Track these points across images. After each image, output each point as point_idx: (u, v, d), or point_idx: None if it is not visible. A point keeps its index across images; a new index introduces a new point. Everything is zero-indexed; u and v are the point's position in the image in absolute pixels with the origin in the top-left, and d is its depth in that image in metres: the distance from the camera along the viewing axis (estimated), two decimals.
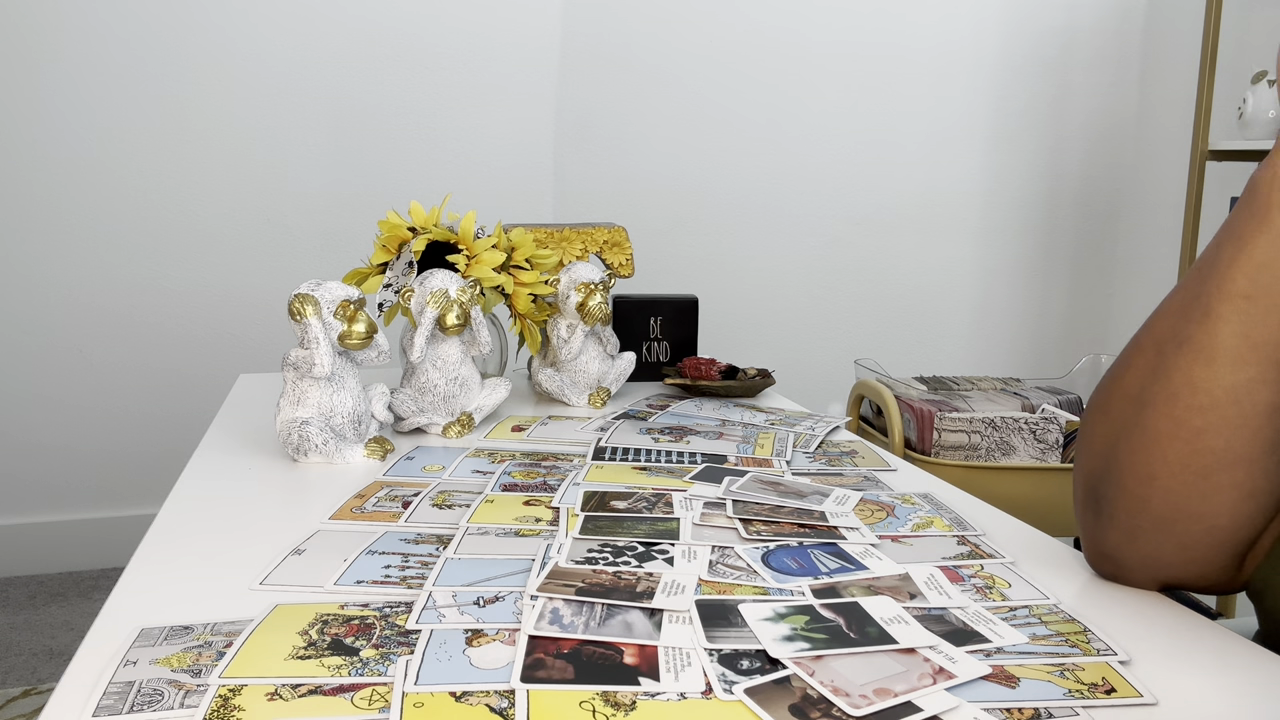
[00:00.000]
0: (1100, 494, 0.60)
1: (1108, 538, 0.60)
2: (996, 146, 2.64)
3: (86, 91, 2.05)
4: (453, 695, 0.46)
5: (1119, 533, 0.59)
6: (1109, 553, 0.61)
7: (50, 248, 2.08)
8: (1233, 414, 0.53)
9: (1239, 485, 0.54)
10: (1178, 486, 0.55)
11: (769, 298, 2.55)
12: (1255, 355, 0.52)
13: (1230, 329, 0.53)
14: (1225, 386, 0.53)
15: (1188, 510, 0.55)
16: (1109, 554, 0.61)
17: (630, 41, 2.35)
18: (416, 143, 2.25)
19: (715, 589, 0.58)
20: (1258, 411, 0.53)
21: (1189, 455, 0.54)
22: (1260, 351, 0.52)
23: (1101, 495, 0.60)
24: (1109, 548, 0.61)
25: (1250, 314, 0.53)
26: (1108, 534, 0.60)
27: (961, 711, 0.46)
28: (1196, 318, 0.55)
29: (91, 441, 2.17)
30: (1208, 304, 0.54)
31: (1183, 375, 0.55)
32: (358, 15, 2.17)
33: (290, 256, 2.21)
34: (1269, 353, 0.52)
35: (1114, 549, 0.60)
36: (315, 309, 0.85)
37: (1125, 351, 0.60)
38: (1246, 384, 0.53)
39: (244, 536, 0.68)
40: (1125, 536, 0.59)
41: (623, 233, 1.21)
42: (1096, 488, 0.60)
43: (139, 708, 0.45)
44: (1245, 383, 0.53)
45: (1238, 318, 0.53)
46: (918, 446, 1.59)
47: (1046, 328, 2.78)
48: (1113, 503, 0.59)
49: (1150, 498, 0.56)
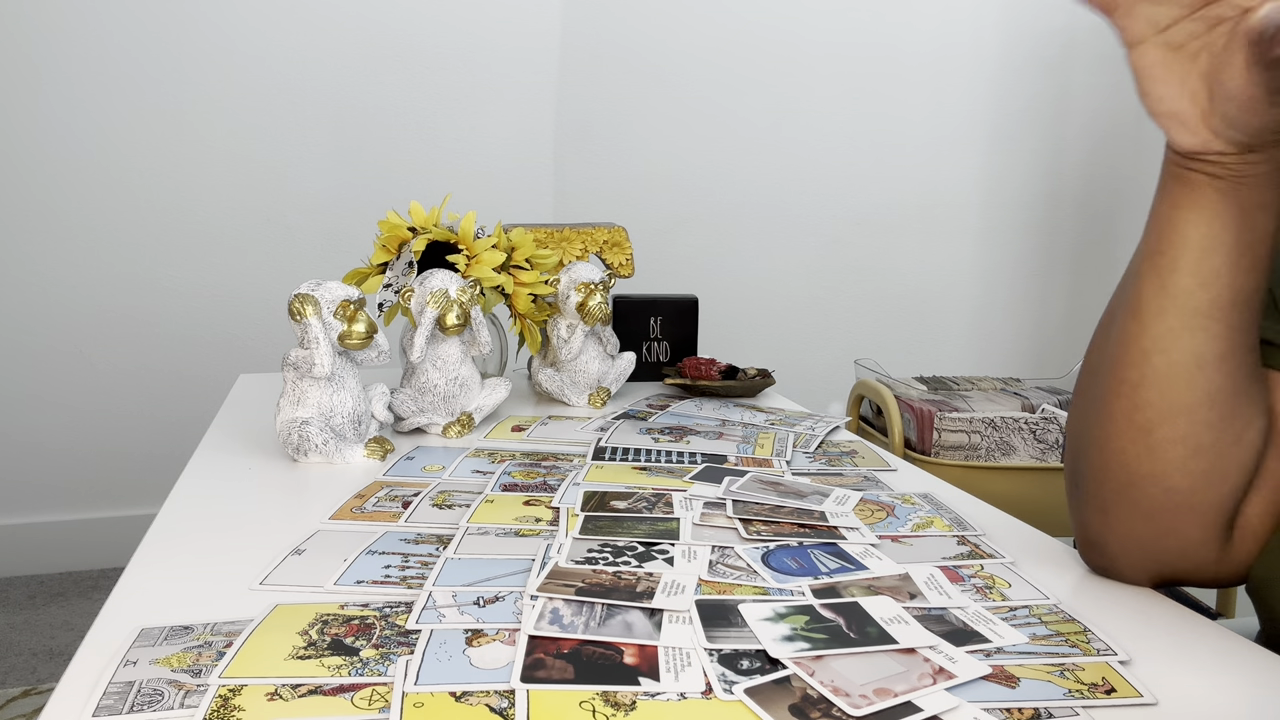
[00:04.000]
0: (1075, 472, 0.63)
1: (1088, 520, 0.62)
2: (997, 147, 2.64)
3: (86, 92, 2.05)
4: (453, 695, 0.46)
5: (1093, 510, 0.61)
6: (1093, 538, 0.62)
7: (50, 248, 2.08)
8: (1161, 363, 0.56)
9: (1183, 439, 0.56)
10: (1127, 445, 0.58)
11: (769, 298, 2.55)
12: (1173, 305, 0.56)
13: (1149, 284, 0.57)
14: (1151, 336, 0.57)
15: (1142, 471, 0.58)
16: (1093, 539, 0.62)
17: (630, 41, 2.35)
18: (416, 143, 2.25)
19: (715, 589, 0.58)
20: (1185, 360, 0.56)
21: (1130, 410, 0.58)
22: (1177, 301, 0.56)
23: (1076, 473, 0.63)
24: (1091, 532, 0.62)
25: (1161, 267, 0.56)
26: (1086, 515, 0.62)
27: (961, 711, 0.46)
28: (1128, 281, 0.59)
29: (91, 441, 2.17)
30: (1134, 265, 0.59)
31: (1119, 334, 0.59)
32: (358, 16, 2.17)
33: (290, 256, 2.21)
34: (1184, 301, 0.55)
35: (1095, 532, 0.62)
36: (315, 309, 0.85)
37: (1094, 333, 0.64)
38: (1169, 333, 0.56)
39: (244, 536, 0.68)
40: (1099, 513, 0.61)
41: (623, 233, 1.21)
42: (1073, 467, 0.63)
43: (139, 708, 0.45)
44: (1167, 332, 0.56)
45: (1154, 273, 0.56)
46: (918, 446, 1.59)
47: (1046, 328, 2.78)
48: (1085, 477, 0.61)
49: (1108, 463, 0.59)
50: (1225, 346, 0.55)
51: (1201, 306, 0.55)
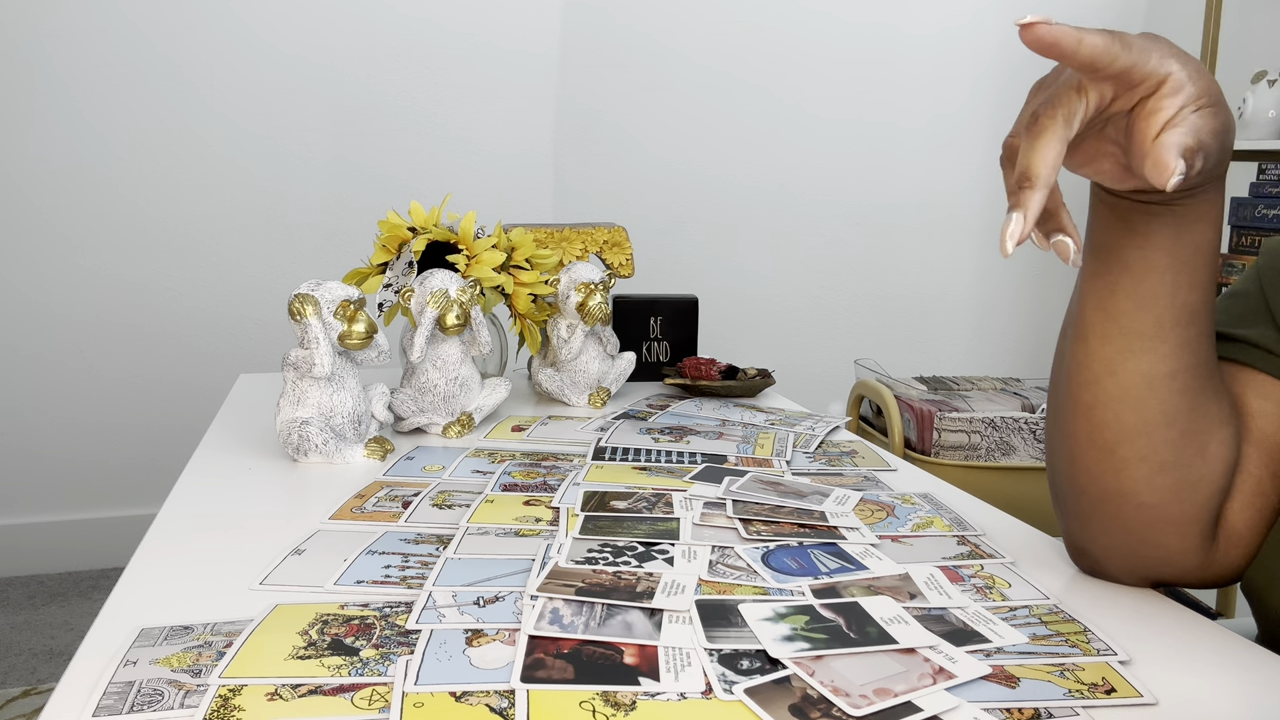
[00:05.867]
0: (1054, 484, 0.63)
1: (1071, 528, 0.62)
2: (996, 147, 2.64)
3: (86, 93, 2.05)
4: (453, 695, 0.46)
5: (1074, 519, 0.61)
6: (1081, 545, 0.62)
7: (50, 248, 2.08)
8: (1111, 386, 0.56)
9: (1145, 458, 0.56)
10: (1093, 465, 0.58)
11: (769, 298, 2.55)
12: (1116, 328, 0.55)
13: (1090, 307, 0.56)
14: (1100, 359, 0.56)
15: (1110, 488, 0.57)
16: (1081, 547, 0.63)
17: (630, 42, 2.35)
18: (416, 143, 2.25)
19: (715, 589, 0.58)
20: (1134, 382, 0.55)
21: (1091, 431, 0.57)
22: (1119, 323, 0.55)
23: (1055, 484, 0.63)
24: (1076, 539, 0.63)
25: (1100, 289, 0.56)
26: (1069, 523, 0.62)
27: (961, 711, 0.46)
28: (1074, 303, 0.58)
29: (91, 441, 2.17)
30: (1078, 287, 0.58)
31: (1070, 355, 0.58)
32: (358, 16, 2.17)
33: (290, 256, 2.21)
34: (1126, 323, 0.55)
35: (1082, 541, 0.62)
36: (315, 309, 0.85)
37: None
38: (1116, 355, 0.55)
39: (244, 536, 0.68)
40: (1081, 524, 0.61)
41: (623, 233, 1.21)
42: (1052, 478, 0.63)
43: (139, 708, 0.45)
44: (1115, 354, 0.55)
45: (1094, 296, 0.56)
46: (918, 446, 1.59)
47: (1046, 328, 2.78)
48: (1062, 490, 0.61)
49: (1079, 479, 0.59)
50: (1175, 365, 0.54)
51: (1145, 328, 0.54)
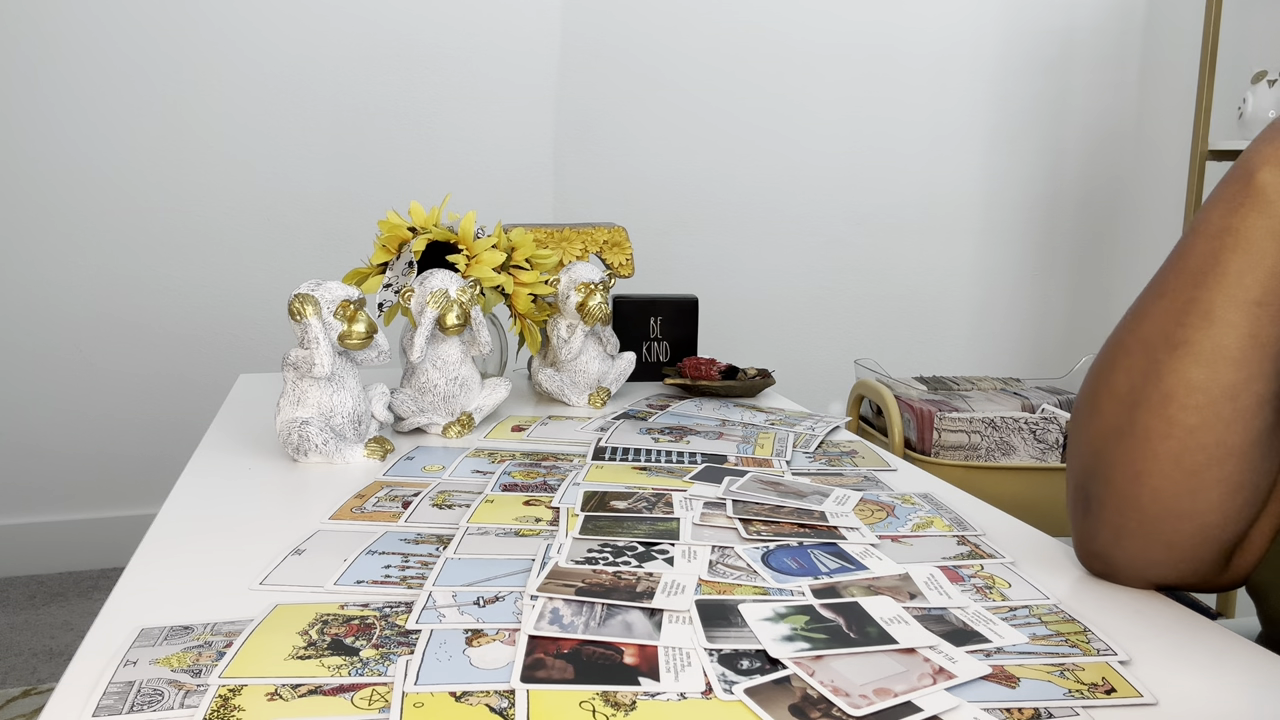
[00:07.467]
0: (1090, 493, 0.60)
1: (1097, 536, 0.61)
2: (996, 147, 2.64)
3: (86, 92, 2.05)
4: (453, 695, 0.46)
5: (1108, 531, 0.60)
6: (1098, 551, 0.61)
7: (50, 248, 2.08)
8: (1227, 410, 0.54)
9: (1227, 479, 0.55)
10: (1167, 485, 0.56)
11: (769, 298, 2.55)
12: (1259, 354, 0.53)
13: (1239, 333, 0.54)
14: (1224, 385, 0.54)
15: (1177, 509, 0.56)
16: (1098, 553, 0.61)
17: (630, 42, 2.35)
18: (416, 143, 2.25)
19: (715, 589, 0.58)
20: (1250, 405, 0.54)
21: (1180, 453, 0.55)
22: (1265, 350, 0.53)
23: (1091, 494, 0.60)
24: (1098, 546, 0.61)
25: (1260, 319, 0.53)
26: (1097, 533, 0.61)
27: (961, 711, 0.46)
28: (1194, 322, 0.55)
29: (91, 441, 2.17)
30: (1209, 309, 0.54)
31: (1178, 377, 0.55)
32: (358, 15, 2.17)
33: (290, 256, 2.21)
34: (1271, 350, 0.53)
35: (1103, 548, 0.61)
36: (315, 309, 0.85)
37: (1109, 352, 0.60)
38: (1245, 380, 0.54)
39: (244, 536, 0.68)
40: (1113, 535, 0.59)
41: (623, 233, 1.21)
42: (1086, 486, 0.61)
43: (139, 708, 0.45)
44: (1245, 379, 0.54)
45: (1248, 323, 0.53)
46: (918, 446, 1.59)
47: (1046, 328, 2.78)
48: (1102, 502, 0.59)
49: (1139, 496, 0.57)
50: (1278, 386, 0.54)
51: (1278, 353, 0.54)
